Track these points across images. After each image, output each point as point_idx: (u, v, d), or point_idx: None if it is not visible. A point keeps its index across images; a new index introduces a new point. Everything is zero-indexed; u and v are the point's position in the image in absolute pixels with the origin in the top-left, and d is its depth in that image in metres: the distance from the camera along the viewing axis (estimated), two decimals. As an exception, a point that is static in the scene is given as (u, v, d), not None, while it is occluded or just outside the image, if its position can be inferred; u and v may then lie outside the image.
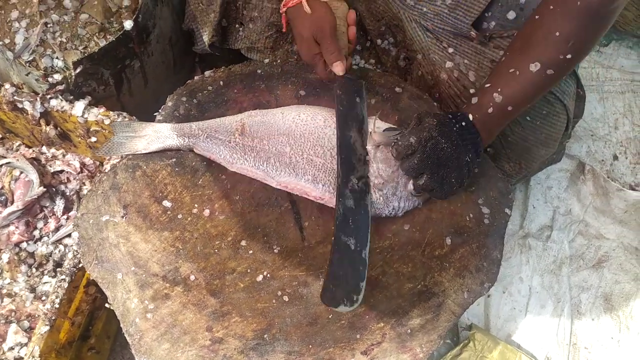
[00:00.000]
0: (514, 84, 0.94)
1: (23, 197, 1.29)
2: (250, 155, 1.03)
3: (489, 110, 0.96)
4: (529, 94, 0.96)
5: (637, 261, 1.53)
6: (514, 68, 0.94)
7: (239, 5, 1.27)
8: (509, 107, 0.96)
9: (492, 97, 0.95)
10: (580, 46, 0.91)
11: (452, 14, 1.14)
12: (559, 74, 0.95)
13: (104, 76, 1.23)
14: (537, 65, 0.92)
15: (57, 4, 1.22)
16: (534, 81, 0.94)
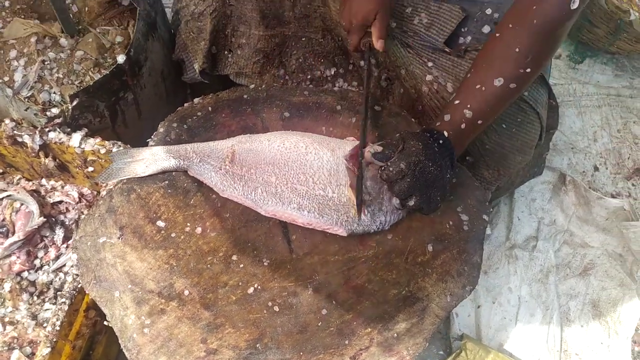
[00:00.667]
0: (480, 100, 1.01)
1: (24, 227, 1.34)
2: (239, 184, 1.08)
3: (462, 126, 1.03)
4: (495, 107, 1.03)
5: (622, 267, 1.57)
6: (480, 84, 1.01)
7: (228, 33, 1.34)
8: (478, 121, 1.03)
9: (462, 113, 1.02)
10: (538, 60, 0.99)
11: (427, 32, 1.21)
12: (521, 87, 1.02)
13: (100, 108, 1.30)
14: (501, 80, 0.99)
15: (54, 43, 1.30)
16: (498, 95, 1.01)
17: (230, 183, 1.08)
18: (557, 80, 1.96)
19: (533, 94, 1.19)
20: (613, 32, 1.88)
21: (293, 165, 1.08)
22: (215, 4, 1.29)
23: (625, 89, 1.98)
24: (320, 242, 1.06)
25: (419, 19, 1.23)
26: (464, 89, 1.05)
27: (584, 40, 2.03)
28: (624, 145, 1.85)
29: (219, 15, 1.31)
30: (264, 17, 1.32)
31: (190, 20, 1.33)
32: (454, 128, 1.03)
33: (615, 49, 1.98)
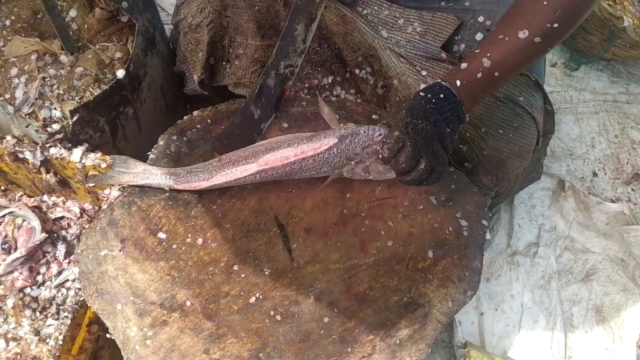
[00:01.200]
0: (502, 50, 0.97)
1: (26, 243, 1.34)
2: (227, 166, 1.09)
3: (478, 76, 0.98)
4: (517, 60, 0.98)
5: (624, 272, 1.57)
6: (503, 34, 0.97)
7: (225, 44, 1.36)
8: (496, 72, 0.97)
9: (481, 62, 0.97)
10: (566, 15, 0.94)
11: (422, 39, 1.22)
12: (546, 43, 0.97)
13: (100, 123, 1.31)
14: (526, 33, 0.94)
15: (54, 60, 1.31)
16: (522, 48, 0.96)
17: (217, 170, 1.10)
18: (554, 88, 1.98)
19: (528, 99, 1.20)
20: (607, 38, 1.90)
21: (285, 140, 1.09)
22: (212, 15, 1.31)
23: (621, 95, 1.99)
24: (321, 251, 1.06)
25: (412, 27, 1.24)
26: (485, 40, 1.02)
27: (578, 48, 2.05)
28: (622, 150, 1.85)
29: (215, 26, 1.33)
30: (260, 28, 1.34)
31: (188, 32, 1.35)
32: (469, 77, 0.98)
33: (610, 55, 1.99)
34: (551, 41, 0.98)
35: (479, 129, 1.20)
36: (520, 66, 1.01)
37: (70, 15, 1.37)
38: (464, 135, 1.21)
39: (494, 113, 1.19)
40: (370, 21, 1.29)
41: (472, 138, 1.21)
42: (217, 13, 1.32)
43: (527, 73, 1.20)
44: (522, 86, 1.20)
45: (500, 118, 1.19)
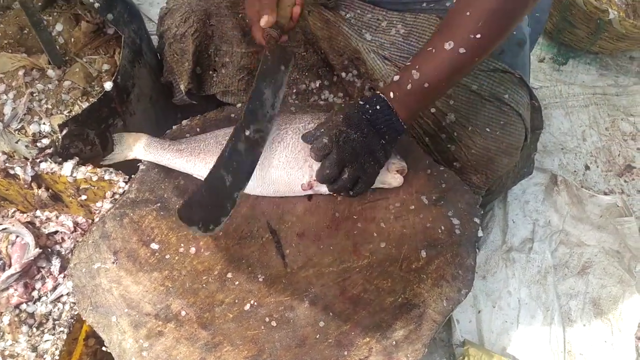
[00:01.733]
0: (430, 62, 0.99)
1: (20, 259, 1.33)
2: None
3: (408, 87, 1.00)
4: (443, 71, 1.00)
5: (620, 264, 1.58)
6: (432, 47, 0.99)
7: (211, 53, 1.36)
8: (425, 84, 1.00)
9: (410, 74, 1.00)
10: (489, 26, 0.95)
11: (405, 41, 1.23)
12: (471, 55, 0.98)
13: (90, 136, 1.31)
14: (451, 44, 0.96)
15: (41, 75, 1.32)
16: (447, 58, 0.98)
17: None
18: (543, 83, 1.99)
19: (514, 97, 1.20)
20: (594, 32, 1.91)
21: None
22: (196, 24, 1.32)
23: (610, 87, 2.00)
24: (314, 255, 1.06)
25: (395, 30, 1.25)
26: (416, 54, 1.04)
27: (566, 42, 2.06)
28: (614, 142, 1.86)
29: (200, 35, 1.33)
30: (245, 35, 1.34)
31: (173, 42, 1.35)
32: (400, 89, 1.01)
33: (598, 48, 2.00)
34: (476, 52, 0.99)
35: (466, 128, 1.20)
36: (449, 77, 1.02)
37: (56, 30, 1.38)
38: (452, 135, 1.22)
39: (480, 111, 1.20)
40: (354, 24, 1.29)
41: (459, 137, 1.21)
42: (201, 22, 1.32)
43: (511, 70, 1.21)
44: (507, 83, 1.20)
45: (487, 116, 1.20)
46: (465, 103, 1.21)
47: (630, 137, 1.89)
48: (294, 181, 1.10)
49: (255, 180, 1.10)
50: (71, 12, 1.40)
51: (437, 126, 1.23)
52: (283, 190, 1.11)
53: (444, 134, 1.23)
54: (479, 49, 0.98)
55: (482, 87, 1.21)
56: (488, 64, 1.21)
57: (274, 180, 1.10)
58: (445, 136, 1.23)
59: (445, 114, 1.21)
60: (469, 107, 1.21)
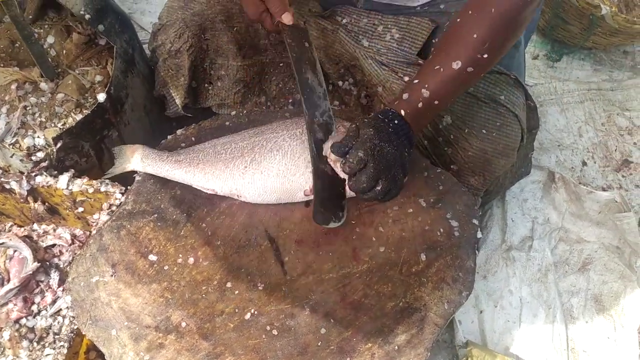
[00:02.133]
0: (439, 80, 1.04)
1: (18, 274, 1.33)
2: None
3: (419, 105, 1.04)
4: (452, 88, 1.06)
5: (620, 259, 1.57)
6: (439, 65, 1.04)
7: (206, 66, 1.36)
8: (435, 101, 1.05)
9: (420, 93, 1.04)
10: (495, 48, 1.02)
11: (400, 46, 1.23)
12: (478, 72, 1.05)
13: (85, 148, 1.30)
14: (459, 64, 1.01)
15: (34, 88, 1.31)
16: (456, 77, 1.03)
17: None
18: (537, 80, 1.98)
19: (510, 98, 1.20)
20: (587, 27, 1.91)
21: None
22: (191, 40, 1.31)
23: (605, 83, 2.00)
24: (314, 261, 1.06)
25: (390, 35, 1.24)
26: (423, 70, 1.08)
27: (559, 38, 2.06)
28: (610, 137, 1.86)
29: (195, 50, 1.32)
30: (241, 48, 1.34)
31: (168, 57, 1.34)
32: (411, 107, 1.04)
33: (591, 44, 2.00)
34: (482, 69, 1.07)
35: (462, 131, 1.20)
36: (456, 93, 1.09)
37: (47, 42, 1.37)
38: (448, 138, 1.22)
39: (476, 114, 1.20)
40: (351, 31, 1.29)
41: (456, 140, 1.21)
42: (196, 37, 1.31)
43: (506, 72, 1.21)
44: (503, 85, 1.20)
45: (483, 118, 1.20)
46: (462, 105, 1.21)
47: (626, 132, 1.89)
48: (296, 188, 1.09)
49: (257, 189, 1.09)
50: (62, 24, 1.40)
51: (435, 129, 1.23)
52: (285, 198, 1.11)
53: (440, 137, 1.23)
54: (486, 66, 1.06)
55: (478, 89, 1.21)
56: None
57: (275, 189, 1.09)
58: (442, 139, 1.23)
59: (442, 116, 1.21)
60: (465, 109, 1.21)
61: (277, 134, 1.12)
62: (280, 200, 1.11)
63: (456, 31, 1.05)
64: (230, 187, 1.10)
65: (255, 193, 1.10)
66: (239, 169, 1.10)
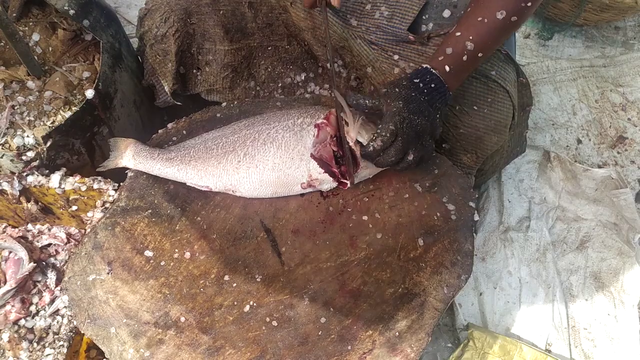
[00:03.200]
0: (484, 32, 1.04)
1: (15, 275, 1.32)
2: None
3: (464, 58, 1.04)
4: (497, 38, 1.06)
5: (618, 236, 1.57)
6: (482, 16, 1.03)
7: (193, 51, 1.34)
8: (479, 53, 1.05)
9: (464, 45, 1.04)
10: None
11: (389, 23, 1.21)
12: (521, 20, 1.06)
13: (75, 146, 1.29)
14: (503, 13, 1.02)
15: (21, 87, 1.29)
16: (500, 27, 1.04)
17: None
18: (530, 59, 1.97)
19: (501, 73, 1.19)
20: (577, 4, 1.89)
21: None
22: (177, 24, 1.29)
23: (597, 59, 1.99)
24: (311, 251, 1.05)
25: (379, 12, 1.23)
26: (465, 21, 1.07)
27: (550, 16, 2.04)
28: (604, 114, 1.85)
29: (182, 35, 1.31)
30: (228, 32, 1.32)
31: (155, 43, 1.32)
32: (456, 61, 1.05)
33: (582, 21, 1.99)
34: (525, 17, 1.06)
35: (454, 108, 1.19)
36: (499, 42, 1.10)
37: (33, 40, 1.35)
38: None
39: (467, 90, 1.19)
40: (338, 11, 1.27)
41: (447, 117, 1.20)
42: (182, 22, 1.30)
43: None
44: (494, 60, 1.19)
45: (474, 94, 1.19)
46: None
47: (620, 108, 1.88)
48: (293, 181, 1.08)
49: (252, 184, 1.08)
50: (47, 21, 1.38)
51: None
52: (282, 192, 1.10)
53: None
54: (528, 14, 1.06)
55: None
56: None
57: (272, 182, 1.08)
58: None
59: None
60: None
61: (269, 125, 1.11)
62: (277, 194, 1.10)
63: None
64: (224, 183, 1.09)
65: (251, 188, 1.08)
66: (232, 164, 1.08)
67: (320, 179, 1.07)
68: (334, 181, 1.08)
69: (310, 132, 1.08)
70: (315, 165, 1.06)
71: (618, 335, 1.44)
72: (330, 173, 1.07)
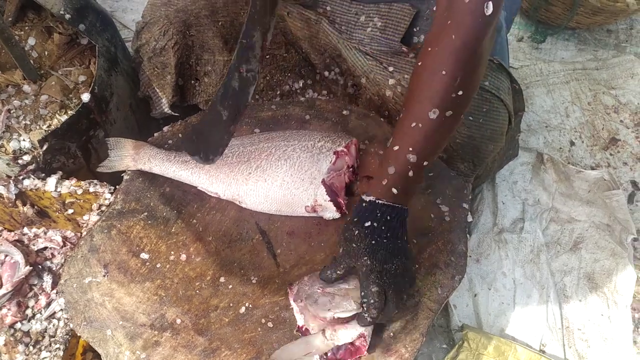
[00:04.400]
0: (421, 138, 0.92)
1: (11, 279, 1.32)
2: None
3: (410, 174, 0.93)
4: (437, 141, 0.95)
5: (611, 237, 1.58)
6: (415, 121, 0.92)
7: (192, 63, 1.35)
8: (425, 162, 0.94)
9: (406, 159, 0.92)
10: (467, 80, 0.91)
11: (383, 35, 1.22)
12: (458, 113, 0.93)
13: (71, 149, 1.29)
14: (436, 112, 0.90)
15: (17, 91, 1.30)
16: (437, 128, 0.92)
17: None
18: (523, 62, 1.99)
19: (494, 83, 1.20)
20: (570, 7, 1.91)
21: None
22: (176, 37, 1.30)
23: (590, 62, 2.01)
24: (306, 252, 1.06)
25: (372, 23, 1.24)
26: (399, 131, 0.95)
27: (543, 20, 2.06)
28: (597, 116, 1.87)
29: (181, 47, 1.31)
30: (226, 42, 1.33)
31: (153, 56, 1.33)
32: (402, 179, 0.93)
33: (575, 23, 2.01)
34: (462, 108, 0.94)
35: None
36: (443, 144, 0.98)
37: (29, 44, 1.35)
38: None
39: None
40: (333, 21, 1.29)
41: None
42: (181, 34, 1.30)
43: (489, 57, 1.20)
44: (487, 70, 1.20)
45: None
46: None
47: (612, 110, 1.89)
48: (298, 202, 1.08)
49: (258, 198, 1.08)
50: (43, 25, 1.38)
51: None
52: (285, 210, 1.10)
53: None
54: (465, 104, 0.94)
55: None
56: None
57: (277, 199, 1.08)
58: None
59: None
60: None
61: (288, 142, 1.11)
62: (280, 211, 1.10)
63: (421, 75, 0.93)
64: (232, 192, 1.10)
65: (256, 201, 1.09)
66: (242, 175, 1.09)
67: (325, 206, 1.07)
68: (336, 211, 1.07)
69: (328, 158, 1.08)
70: (323, 191, 1.06)
71: (611, 336, 1.45)
72: (336, 203, 1.07)
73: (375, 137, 1.20)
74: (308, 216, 1.09)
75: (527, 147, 1.74)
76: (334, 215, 1.08)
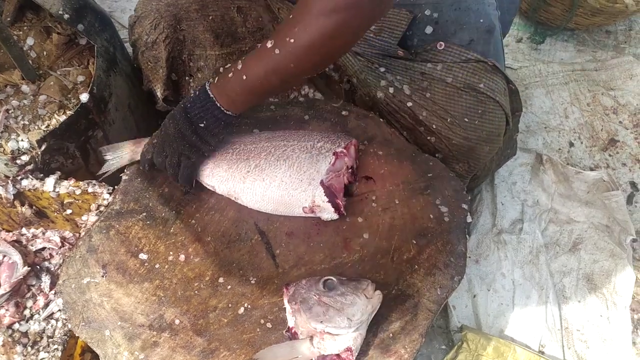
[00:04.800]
0: (253, 56, 1.00)
1: (9, 279, 1.32)
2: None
3: (229, 75, 1.01)
4: (260, 67, 0.98)
5: (610, 238, 1.58)
6: (261, 44, 0.99)
7: (185, 58, 1.35)
8: (244, 76, 1.00)
9: (236, 65, 1.01)
10: (303, 32, 0.93)
11: (377, 37, 1.22)
12: (285, 57, 0.96)
13: (70, 150, 1.29)
14: (271, 42, 0.96)
15: (16, 91, 1.29)
16: (265, 55, 0.97)
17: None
18: (522, 63, 1.99)
19: (489, 85, 1.20)
20: (569, 8, 1.91)
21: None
22: (167, 30, 1.30)
23: (589, 63, 2.01)
24: (305, 253, 1.06)
25: None
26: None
27: (542, 21, 2.06)
28: (596, 117, 1.87)
29: (172, 41, 1.31)
30: (218, 37, 1.33)
31: (145, 50, 1.33)
32: (222, 76, 1.04)
33: (574, 25, 2.01)
34: (290, 57, 0.96)
35: (445, 120, 1.21)
36: (266, 74, 0.99)
37: (27, 44, 1.35)
38: (431, 127, 1.22)
39: (457, 103, 1.20)
40: None
41: (438, 129, 1.22)
42: (171, 28, 1.30)
43: (483, 59, 1.20)
44: (481, 72, 1.21)
45: (464, 107, 1.20)
46: (442, 95, 1.21)
47: (611, 111, 1.90)
48: (295, 203, 1.07)
49: (255, 196, 1.08)
50: (41, 25, 1.38)
51: (415, 120, 1.24)
52: (282, 210, 1.10)
53: (422, 126, 1.23)
54: (293, 54, 0.95)
55: (456, 78, 1.21)
56: (460, 55, 1.21)
57: (274, 199, 1.08)
58: (423, 129, 1.22)
59: (423, 107, 1.21)
60: (446, 99, 1.21)
61: (287, 142, 1.11)
62: (277, 211, 1.10)
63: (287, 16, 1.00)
64: (228, 189, 1.10)
65: (252, 199, 1.09)
66: (240, 172, 1.09)
67: (323, 207, 1.07)
68: (334, 212, 1.08)
69: (327, 159, 1.08)
70: (321, 192, 1.06)
71: (610, 337, 1.45)
72: (334, 204, 1.07)
73: (374, 138, 1.20)
74: (307, 217, 1.09)
75: (526, 148, 1.74)
76: (332, 216, 1.07)
